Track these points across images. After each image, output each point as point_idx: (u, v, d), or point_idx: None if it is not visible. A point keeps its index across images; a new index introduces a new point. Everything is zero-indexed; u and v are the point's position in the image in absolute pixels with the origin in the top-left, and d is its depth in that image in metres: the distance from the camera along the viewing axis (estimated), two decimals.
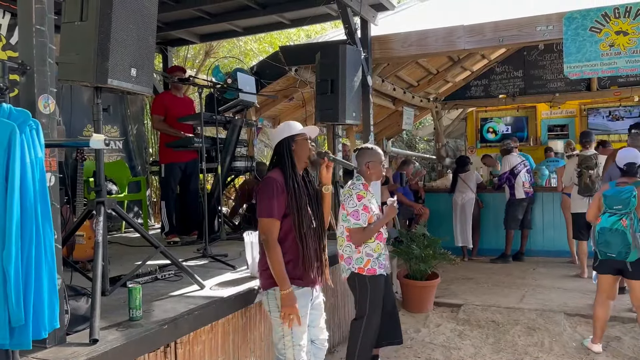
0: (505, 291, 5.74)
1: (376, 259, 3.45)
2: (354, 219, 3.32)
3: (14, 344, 1.58)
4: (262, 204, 2.59)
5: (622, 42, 4.26)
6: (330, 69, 4.58)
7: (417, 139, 15.72)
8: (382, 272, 3.51)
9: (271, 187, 2.59)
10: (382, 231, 3.50)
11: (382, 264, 3.50)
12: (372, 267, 3.43)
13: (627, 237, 3.66)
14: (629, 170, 3.93)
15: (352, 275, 3.45)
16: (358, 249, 3.42)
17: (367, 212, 3.32)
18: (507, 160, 7.14)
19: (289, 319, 2.58)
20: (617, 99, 9.27)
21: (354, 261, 3.45)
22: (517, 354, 4.16)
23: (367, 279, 3.42)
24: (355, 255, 3.44)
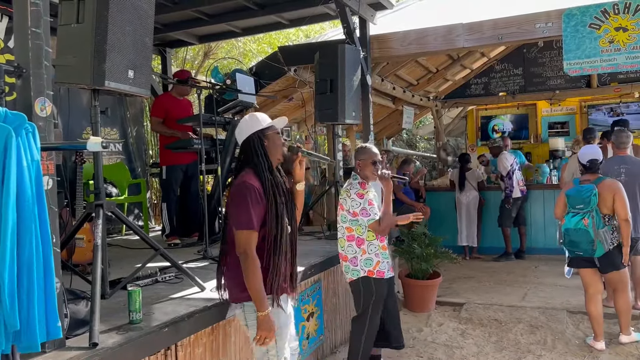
0: (507, 289, 5.73)
1: (384, 261, 3.43)
2: (366, 217, 3.30)
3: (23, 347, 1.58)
4: (240, 215, 2.31)
5: (621, 38, 4.24)
6: (330, 68, 4.57)
7: (418, 137, 15.71)
8: (390, 275, 3.49)
9: (249, 195, 2.30)
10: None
11: (388, 266, 3.48)
12: (382, 270, 3.41)
13: (591, 235, 3.76)
14: (591, 167, 3.98)
15: (359, 278, 3.41)
16: (363, 249, 3.39)
17: (374, 205, 3.31)
18: (505, 158, 7.12)
19: (265, 342, 2.34)
20: (617, 96, 9.25)
21: (362, 262, 3.41)
22: (520, 352, 4.14)
23: (373, 282, 3.39)
24: (361, 255, 3.41)
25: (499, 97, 9.81)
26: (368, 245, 3.40)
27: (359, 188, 3.38)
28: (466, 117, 11.12)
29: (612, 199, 3.86)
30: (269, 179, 2.39)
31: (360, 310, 3.47)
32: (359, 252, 3.41)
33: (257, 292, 2.29)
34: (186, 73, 5.24)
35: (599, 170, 4.03)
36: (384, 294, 3.49)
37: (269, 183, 2.38)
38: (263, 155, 2.41)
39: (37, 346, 1.58)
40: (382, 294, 3.46)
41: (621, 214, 3.85)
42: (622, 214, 3.85)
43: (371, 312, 3.39)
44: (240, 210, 2.30)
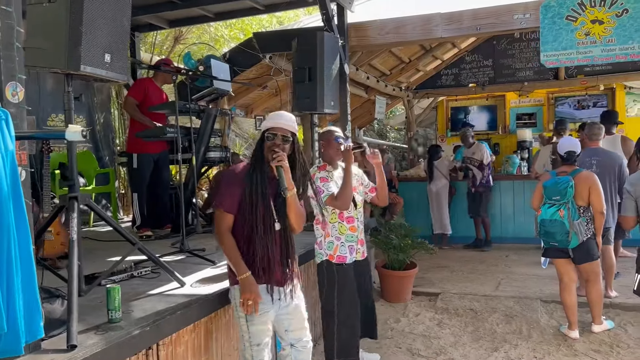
0: (481, 279, 5.80)
1: (345, 244, 3.35)
2: (320, 194, 3.18)
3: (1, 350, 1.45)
4: (215, 194, 2.56)
5: (597, 31, 4.29)
6: (308, 56, 4.47)
7: (388, 128, 15.75)
8: (352, 259, 3.38)
9: (225, 178, 2.57)
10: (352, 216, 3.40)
11: (353, 249, 3.39)
12: (342, 255, 3.33)
13: (566, 226, 3.83)
14: (568, 158, 4.05)
15: (322, 262, 3.36)
16: (327, 231, 3.33)
17: (327, 182, 3.23)
18: (483, 149, 7.19)
19: (248, 304, 2.42)
20: (583, 88, 9.46)
21: (325, 245, 3.36)
22: (497, 341, 4.19)
23: (335, 268, 3.31)
24: (325, 239, 3.36)
25: (469, 88, 9.89)
26: (331, 228, 3.35)
27: (314, 170, 3.32)
28: (436, 108, 11.18)
29: (588, 191, 3.93)
30: (255, 169, 2.49)
31: (324, 302, 3.38)
32: (323, 235, 3.36)
33: (233, 258, 2.46)
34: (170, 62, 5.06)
35: (575, 162, 4.09)
36: (349, 280, 3.36)
37: (254, 171, 2.48)
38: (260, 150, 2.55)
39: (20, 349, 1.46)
40: (346, 281, 3.34)
41: (597, 207, 3.92)
42: (597, 207, 3.91)
43: (337, 299, 3.30)
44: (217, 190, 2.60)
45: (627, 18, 4.18)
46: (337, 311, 3.34)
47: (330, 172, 3.36)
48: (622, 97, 9.51)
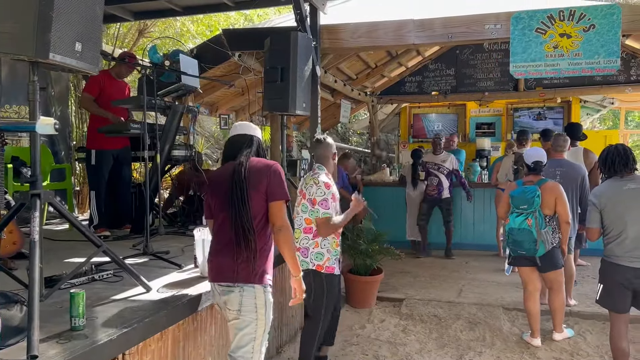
0: (444, 285, 5.85)
1: (332, 257, 3.33)
2: (323, 209, 3.16)
3: None
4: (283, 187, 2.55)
5: (565, 44, 4.40)
6: (281, 56, 4.38)
7: (351, 132, 15.81)
8: (338, 272, 3.39)
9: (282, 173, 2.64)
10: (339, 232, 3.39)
11: (340, 263, 3.40)
12: (332, 265, 3.30)
13: (534, 234, 3.89)
14: (535, 168, 4.13)
15: (308, 271, 3.27)
16: (316, 241, 3.27)
17: (335, 202, 3.19)
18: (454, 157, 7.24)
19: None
20: (541, 100, 9.76)
21: (312, 255, 3.29)
22: (461, 349, 4.21)
23: (324, 278, 3.28)
24: (313, 248, 3.29)
25: (432, 95, 10.03)
26: (322, 240, 3.29)
27: (328, 179, 3.28)
28: (399, 114, 11.29)
29: (554, 201, 4.01)
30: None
31: (312, 308, 3.33)
32: (312, 244, 3.29)
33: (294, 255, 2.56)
34: (133, 56, 4.86)
35: (542, 172, 4.17)
36: (336, 293, 3.40)
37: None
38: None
39: None
40: (335, 292, 3.37)
41: (563, 216, 4.00)
42: (564, 216, 4.00)
43: (324, 311, 3.27)
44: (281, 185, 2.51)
45: (593, 33, 4.31)
46: (322, 322, 3.31)
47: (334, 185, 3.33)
48: (578, 110, 9.88)
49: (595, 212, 3.40)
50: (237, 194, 2.41)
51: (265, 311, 2.44)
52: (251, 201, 2.43)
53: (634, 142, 17.51)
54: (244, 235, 2.39)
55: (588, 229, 3.48)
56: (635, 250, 3.24)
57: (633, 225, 3.25)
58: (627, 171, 3.36)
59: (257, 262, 2.41)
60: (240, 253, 2.39)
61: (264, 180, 2.47)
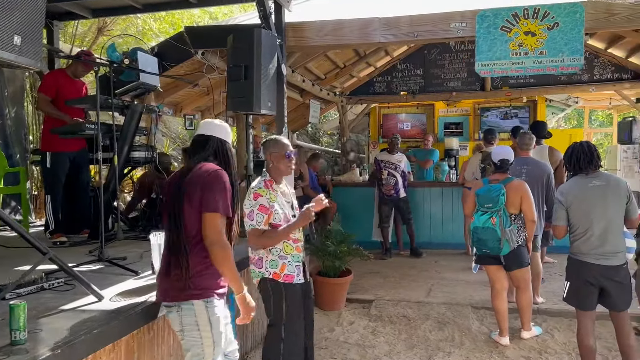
0: (413, 285, 5.81)
1: (292, 263, 3.13)
2: (249, 220, 2.99)
3: None
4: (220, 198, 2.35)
5: (530, 42, 4.41)
6: (244, 53, 4.25)
7: (321, 132, 15.74)
8: (299, 280, 3.16)
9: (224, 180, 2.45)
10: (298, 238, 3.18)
11: (299, 270, 3.17)
12: (290, 273, 3.11)
13: (498, 233, 3.88)
14: (501, 166, 4.12)
15: (263, 280, 3.11)
16: (267, 250, 3.10)
17: (263, 213, 2.97)
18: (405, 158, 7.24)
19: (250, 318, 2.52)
20: (508, 99, 9.88)
21: (267, 264, 3.11)
22: (431, 349, 4.17)
23: (282, 287, 3.08)
24: (266, 257, 3.11)
25: (401, 96, 10.03)
26: (271, 248, 3.10)
27: (260, 187, 3.06)
28: (369, 114, 11.28)
29: (520, 199, 4.00)
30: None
31: (271, 318, 3.20)
32: (264, 253, 3.11)
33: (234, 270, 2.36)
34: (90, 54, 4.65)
35: (508, 170, 4.16)
36: (298, 302, 3.16)
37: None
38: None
39: None
40: (295, 301, 3.13)
41: (529, 215, 4.00)
42: (529, 215, 4.00)
43: (285, 322, 3.10)
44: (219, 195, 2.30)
45: (557, 32, 4.33)
46: (285, 335, 3.12)
47: (273, 194, 3.10)
48: (543, 109, 10.04)
49: (561, 210, 3.39)
50: (171, 209, 2.31)
51: (210, 328, 2.30)
52: (186, 216, 2.29)
53: (598, 141, 17.97)
54: (176, 253, 2.28)
55: (554, 226, 3.47)
56: (601, 247, 3.24)
57: (599, 222, 3.25)
58: (592, 168, 3.36)
59: (193, 280, 2.27)
60: (174, 270, 2.29)
61: (198, 190, 2.29)
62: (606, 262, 3.24)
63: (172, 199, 2.36)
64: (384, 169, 7.13)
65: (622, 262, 3.28)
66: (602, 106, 12.10)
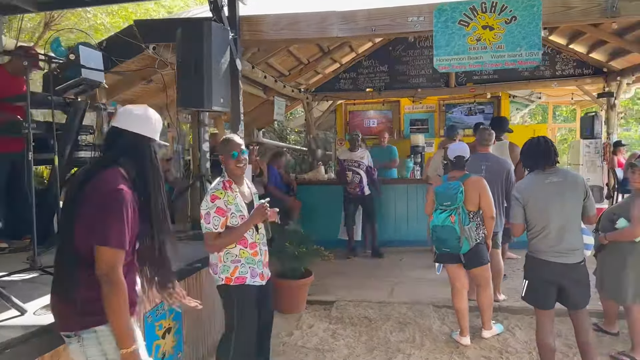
0: (376, 284, 5.70)
1: (245, 265, 3.06)
2: (205, 223, 2.93)
3: None
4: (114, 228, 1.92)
5: (488, 36, 4.33)
6: (194, 47, 4.06)
7: (289, 130, 15.55)
8: (253, 282, 3.10)
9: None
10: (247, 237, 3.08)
11: (255, 272, 3.11)
12: (241, 275, 3.05)
13: (457, 231, 3.80)
14: (457, 163, 4.05)
15: (220, 286, 3.09)
16: (219, 255, 3.04)
17: (220, 216, 2.93)
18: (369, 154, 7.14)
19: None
20: (472, 96, 9.89)
21: (220, 270, 3.07)
22: (390, 351, 4.06)
23: (232, 291, 3.03)
24: (219, 262, 3.07)
25: (366, 92, 9.94)
26: (225, 253, 3.05)
27: (218, 188, 3.02)
28: (335, 112, 11.16)
29: (478, 196, 3.92)
30: None
31: (226, 324, 3.08)
32: (215, 258, 3.08)
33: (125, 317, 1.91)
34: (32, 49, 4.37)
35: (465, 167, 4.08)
36: (250, 304, 3.07)
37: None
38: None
39: None
40: (246, 304, 3.05)
41: (487, 212, 3.92)
42: (488, 212, 3.92)
43: (237, 326, 2.99)
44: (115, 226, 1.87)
45: (515, 25, 4.26)
46: (235, 340, 3.02)
47: (231, 196, 3.02)
48: (507, 105, 10.09)
49: (518, 207, 3.31)
50: (62, 219, 1.96)
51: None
52: (76, 234, 1.87)
53: (562, 136, 18.30)
54: (61, 274, 1.94)
55: (512, 224, 3.40)
56: (559, 245, 3.18)
57: (556, 219, 3.18)
58: (549, 164, 3.29)
59: (92, 303, 1.84)
60: (64, 293, 1.91)
61: (90, 211, 1.85)
62: (564, 260, 3.18)
63: (64, 208, 1.98)
64: (347, 170, 7.00)
65: (580, 259, 3.22)
66: (565, 102, 12.26)
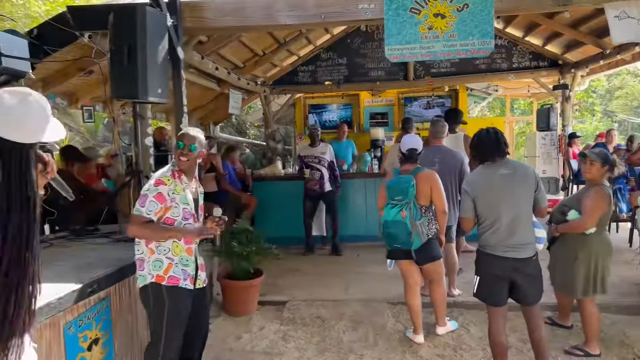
0: (331, 281, 5.54)
1: (179, 265, 2.81)
2: (139, 205, 2.68)
3: None
4: None
5: (440, 25, 4.19)
6: (127, 34, 3.76)
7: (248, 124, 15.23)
8: (186, 286, 2.83)
9: None
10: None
11: (188, 274, 2.85)
12: (176, 276, 2.78)
13: (408, 227, 3.65)
14: (410, 156, 3.91)
15: (147, 285, 2.77)
16: (150, 248, 2.75)
17: (158, 202, 2.69)
18: (331, 148, 6.96)
19: None
20: (430, 89, 9.84)
21: (150, 265, 2.77)
22: (342, 352, 3.90)
23: (164, 291, 2.74)
24: (149, 257, 2.77)
25: (325, 86, 9.76)
26: (158, 245, 2.78)
27: (167, 175, 2.77)
28: (294, 105, 10.95)
29: (430, 189, 3.79)
30: None
31: (152, 332, 2.81)
32: (147, 252, 2.78)
33: None
34: None
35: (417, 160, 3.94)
36: (184, 308, 2.82)
37: None
38: None
39: None
40: (180, 308, 2.80)
41: (439, 206, 3.79)
42: (440, 206, 3.79)
43: (165, 337, 2.73)
44: None
45: (467, 13, 4.13)
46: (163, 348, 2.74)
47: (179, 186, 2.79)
48: (465, 99, 10.09)
49: (468, 201, 3.18)
50: None
51: None
52: None
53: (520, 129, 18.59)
54: None
55: (462, 219, 3.27)
56: (510, 239, 3.07)
57: (507, 213, 3.07)
58: (499, 156, 3.17)
59: None
60: None
61: None
62: (515, 255, 3.07)
63: None
64: (307, 166, 6.79)
65: (532, 254, 3.12)
66: (522, 94, 12.39)
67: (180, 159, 2.85)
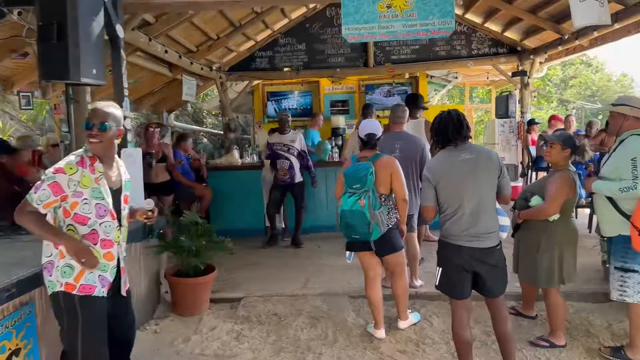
0: (290, 275, 5.30)
1: (96, 271, 2.42)
2: (33, 191, 2.29)
3: None
4: None
5: (399, 3, 3.97)
6: (56, 8, 3.37)
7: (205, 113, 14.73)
8: (102, 294, 2.45)
9: None
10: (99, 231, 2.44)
11: (106, 281, 2.47)
12: (90, 284, 2.40)
13: (367, 216, 3.44)
14: (368, 142, 3.72)
15: (56, 293, 2.38)
16: (61, 251, 2.35)
17: (52, 194, 2.28)
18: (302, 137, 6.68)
19: None
20: (391, 76, 9.68)
21: (59, 272, 2.37)
22: (300, 351, 3.67)
23: (77, 301, 2.37)
24: (59, 260, 2.37)
25: (284, 72, 9.45)
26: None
27: (72, 163, 2.35)
28: (253, 92, 10.58)
29: (389, 177, 3.58)
30: None
31: (66, 344, 2.46)
32: (56, 255, 2.38)
33: None
34: None
35: (376, 146, 3.73)
36: (101, 324, 2.46)
37: None
38: None
39: None
40: (96, 324, 2.43)
41: (399, 194, 3.59)
42: (400, 194, 3.59)
43: (83, 346, 2.38)
44: None
45: None
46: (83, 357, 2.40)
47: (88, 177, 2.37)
48: (425, 86, 9.97)
49: (429, 189, 2.98)
50: None
51: None
52: None
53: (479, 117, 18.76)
54: None
55: (423, 207, 3.07)
56: (473, 227, 2.89)
57: (469, 200, 2.88)
58: (461, 140, 2.98)
59: None
60: None
61: None
62: (479, 244, 2.89)
63: None
64: (275, 155, 6.48)
65: (496, 243, 2.95)
66: (481, 82, 12.41)
67: (90, 141, 2.41)
